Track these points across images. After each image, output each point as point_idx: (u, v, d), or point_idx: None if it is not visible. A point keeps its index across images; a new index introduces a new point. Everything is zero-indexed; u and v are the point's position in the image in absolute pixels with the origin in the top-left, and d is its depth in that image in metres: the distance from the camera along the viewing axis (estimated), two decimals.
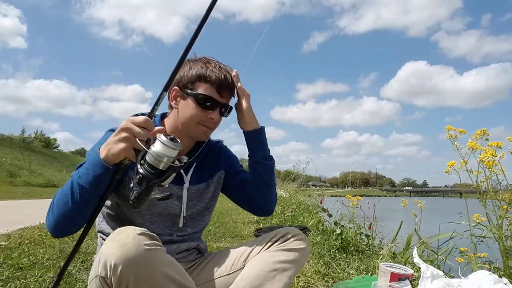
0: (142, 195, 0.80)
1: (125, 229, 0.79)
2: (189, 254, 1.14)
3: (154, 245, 0.77)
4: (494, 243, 1.76)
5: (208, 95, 1.03)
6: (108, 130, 1.05)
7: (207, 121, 1.05)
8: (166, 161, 0.80)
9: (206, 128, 1.07)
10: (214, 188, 1.20)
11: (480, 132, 1.80)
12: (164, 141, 0.79)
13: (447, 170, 1.86)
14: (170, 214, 1.09)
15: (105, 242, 0.78)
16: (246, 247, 1.11)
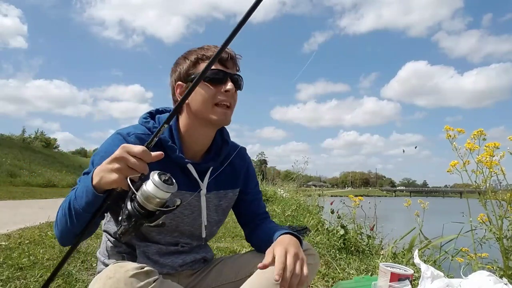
0: (129, 231, 0.75)
1: (116, 270, 0.75)
2: (194, 263, 1.09)
3: (148, 285, 0.74)
4: (494, 243, 1.76)
5: (214, 68, 0.96)
6: (115, 133, 0.98)
7: (224, 96, 0.97)
8: (157, 203, 0.74)
9: (225, 107, 0.98)
10: (226, 204, 1.12)
11: (477, 132, 1.80)
12: (157, 183, 0.73)
13: (449, 170, 1.86)
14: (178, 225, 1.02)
15: (96, 282, 0.75)
16: (254, 255, 1.08)
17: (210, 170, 1.05)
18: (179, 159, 0.97)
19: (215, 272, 1.10)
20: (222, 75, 0.97)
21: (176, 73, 1.02)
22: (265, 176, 12.70)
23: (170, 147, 0.97)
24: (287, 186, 8.65)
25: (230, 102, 0.99)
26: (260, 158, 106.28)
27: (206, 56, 0.98)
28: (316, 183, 61.88)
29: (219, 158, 1.06)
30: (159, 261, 1.00)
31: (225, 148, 1.09)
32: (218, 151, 1.07)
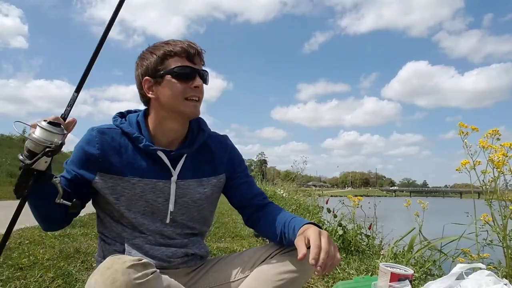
0: (19, 182, 0.79)
1: (113, 262, 0.75)
2: (189, 260, 1.08)
3: (145, 276, 0.74)
4: (497, 244, 1.76)
5: (183, 65, 1.00)
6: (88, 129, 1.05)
7: (192, 92, 1.01)
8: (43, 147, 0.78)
9: (194, 101, 1.02)
10: (211, 191, 1.11)
11: (492, 131, 1.79)
12: (44, 125, 0.77)
13: (458, 168, 1.85)
14: (155, 212, 1.02)
15: (94, 274, 0.75)
16: (252, 254, 1.07)
17: (184, 157, 1.06)
18: (147, 147, 1.00)
19: (214, 272, 1.09)
20: (190, 71, 1.01)
21: (143, 67, 1.03)
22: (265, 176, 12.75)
23: (136, 138, 1.01)
24: (287, 186, 8.66)
25: (199, 96, 1.04)
26: (260, 158, 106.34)
27: (173, 52, 1.00)
28: (316, 183, 61.93)
29: (193, 146, 1.08)
30: (149, 252, 1.01)
31: (201, 136, 1.10)
32: (193, 139, 1.09)
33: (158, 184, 1.01)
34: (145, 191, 1.00)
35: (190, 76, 1.01)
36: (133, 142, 1.02)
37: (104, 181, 0.99)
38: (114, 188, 0.99)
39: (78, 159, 1.01)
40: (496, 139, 1.78)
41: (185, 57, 1.01)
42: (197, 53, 1.03)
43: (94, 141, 1.00)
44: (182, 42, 1.02)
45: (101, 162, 0.99)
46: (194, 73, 1.01)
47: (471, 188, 1.89)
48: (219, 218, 5.00)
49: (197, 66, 1.03)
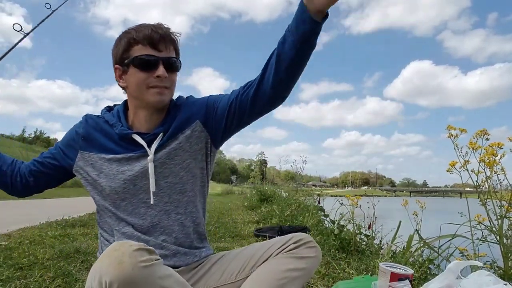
0: None
1: (121, 245, 0.77)
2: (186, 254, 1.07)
3: (150, 261, 0.76)
4: (495, 243, 1.76)
5: (143, 54, 0.98)
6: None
7: (156, 81, 0.99)
8: None
9: (160, 88, 1.00)
10: (188, 143, 1.05)
11: (480, 132, 1.80)
12: None
13: (449, 169, 1.86)
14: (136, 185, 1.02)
15: (101, 257, 0.77)
16: (254, 253, 1.06)
17: (161, 135, 1.04)
18: (122, 131, 1.04)
19: (215, 271, 1.08)
20: (153, 60, 0.99)
21: (114, 55, 1.06)
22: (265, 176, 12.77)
23: (114, 124, 1.06)
24: (287, 186, 8.66)
25: (165, 85, 1.02)
26: (260, 158, 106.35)
27: (136, 39, 0.99)
28: (316, 183, 61.98)
29: (166, 122, 1.06)
30: (141, 238, 1.02)
31: (173, 111, 1.09)
32: (166, 116, 1.09)
33: (133, 155, 1.03)
34: (122, 164, 1.04)
35: (152, 66, 0.99)
36: (113, 129, 1.06)
37: (85, 158, 1.07)
38: (93, 165, 1.06)
39: (66, 138, 1.12)
40: (485, 139, 1.78)
41: (148, 44, 0.99)
42: (162, 39, 0.99)
43: (81, 124, 1.11)
44: (147, 28, 0.99)
45: (83, 140, 1.07)
46: (156, 61, 0.99)
47: (470, 188, 1.89)
48: (219, 218, 5.00)
49: (163, 53, 1.00)
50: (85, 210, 5.42)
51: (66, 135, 1.13)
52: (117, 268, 0.71)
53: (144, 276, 0.74)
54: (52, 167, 1.11)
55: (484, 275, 0.96)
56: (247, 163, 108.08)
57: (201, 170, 1.11)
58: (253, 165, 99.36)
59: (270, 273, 0.97)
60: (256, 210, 6.05)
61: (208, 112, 1.08)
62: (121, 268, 0.71)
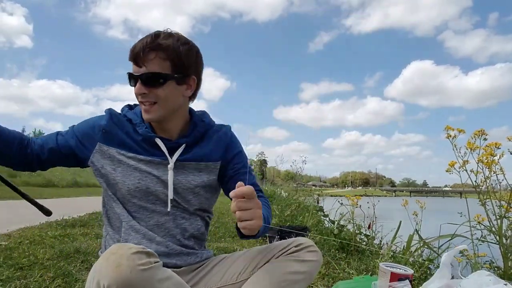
0: None
1: (119, 247, 0.76)
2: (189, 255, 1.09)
3: (149, 264, 0.75)
4: (495, 243, 1.76)
5: (128, 72, 1.00)
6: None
7: (140, 98, 1.01)
8: None
9: (145, 105, 1.00)
10: (207, 176, 1.10)
11: (478, 132, 1.80)
12: None
13: (448, 170, 1.86)
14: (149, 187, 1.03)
15: (100, 259, 0.76)
16: (255, 255, 1.06)
17: (183, 147, 1.07)
18: (146, 133, 1.04)
19: (217, 272, 1.08)
20: (130, 78, 1.00)
21: None
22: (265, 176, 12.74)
23: (138, 124, 1.06)
24: (287, 186, 8.66)
25: (149, 101, 0.99)
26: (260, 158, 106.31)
27: (130, 56, 0.99)
28: (316, 183, 61.93)
29: (192, 135, 1.08)
30: (147, 234, 1.03)
31: (201, 126, 1.10)
32: (192, 130, 1.10)
33: (153, 160, 1.04)
34: (140, 164, 1.03)
35: (132, 83, 1.01)
36: (135, 129, 1.06)
37: (103, 151, 1.05)
38: (112, 159, 1.04)
39: (84, 127, 1.08)
40: (483, 139, 1.78)
41: (132, 60, 0.99)
42: (140, 53, 0.96)
43: (104, 116, 1.08)
44: (135, 44, 0.98)
45: (104, 133, 1.05)
46: (135, 79, 0.99)
47: (469, 188, 1.89)
48: (219, 218, 5.00)
49: (142, 68, 0.97)
50: (85, 210, 5.42)
51: (85, 124, 1.09)
52: (115, 271, 0.71)
53: (143, 279, 0.73)
54: (66, 155, 1.06)
55: (484, 275, 0.96)
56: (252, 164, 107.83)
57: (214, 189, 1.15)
58: (253, 165, 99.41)
59: (271, 275, 0.97)
60: None
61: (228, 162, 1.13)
62: (119, 271, 0.71)
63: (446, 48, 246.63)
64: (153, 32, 0.99)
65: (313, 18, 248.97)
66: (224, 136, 1.15)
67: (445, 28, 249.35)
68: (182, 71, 1.01)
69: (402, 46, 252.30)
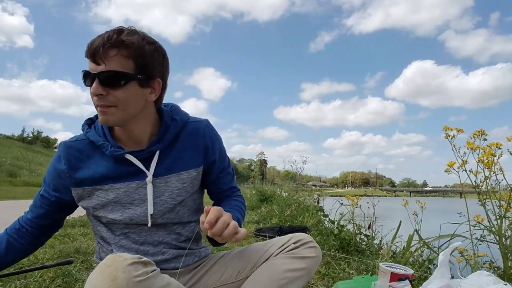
0: None
1: (114, 259, 0.74)
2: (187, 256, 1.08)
3: (145, 274, 0.74)
4: (495, 243, 1.76)
5: (83, 70, 0.89)
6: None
7: (95, 100, 0.89)
8: None
9: (100, 108, 0.89)
10: (191, 186, 1.04)
11: (478, 132, 1.80)
12: None
13: (447, 170, 1.86)
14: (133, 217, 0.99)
15: (95, 272, 0.75)
16: (254, 253, 1.06)
17: (157, 154, 0.99)
18: (113, 153, 0.96)
19: (216, 271, 1.08)
20: (85, 76, 0.89)
21: None
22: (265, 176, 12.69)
23: (102, 145, 0.97)
24: (287, 186, 8.66)
25: (105, 103, 0.89)
26: (260, 158, 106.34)
27: (87, 52, 0.88)
28: (316, 183, 61.94)
29: (165, 139, 0.99)
30: (140, 249, 1.01)
31: (173, 128, 1.00)
32: (164, 133, 1.00)
33: (131, 186, 0.98)
34: (119, 196, 0.98)
35: (87, 82, 0.89)
36: (101, 150, 0.98)
37: (78, 194, 1.00)
38: (91, 198, 1.00)
39: (51, 178, 1.02)
40: (483, 139, 1.78)
41: (89, 57, 0.88)
42: (100, 48, 0.85)
43: (61, 157, 0.99)
44: (94, 39, 0.87)
45: (70, 177, 0.98)
46: (91, 78, 0.88)
47: (469, 188, 1.90)
48: None
49: (100, 66, 0.86)
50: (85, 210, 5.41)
51: (49, 175, 1.02)
52: (111, 285, 0.70)
53: None
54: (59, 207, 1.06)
55: (484, 275, 0.96)
56: (247, 163, 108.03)
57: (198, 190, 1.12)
58: (253, 165, 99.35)
59: (271, 273, 0.97)
60: (256, 210, 6.04)
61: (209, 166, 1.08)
62: (115, 285, 0.70)
63: (447, 48, 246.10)
64: (116, 27, 0.89)
65: (314, 18, 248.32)
66: (202, 136, 1.05)
67: (446, 28, 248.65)
68: (146, 72, 0.91)
69: (403, 46, 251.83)
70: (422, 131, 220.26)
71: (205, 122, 1.08)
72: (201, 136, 1.05)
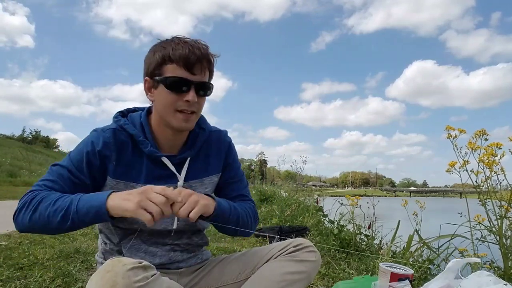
0: None
1: (113, 265, 0.74)
2: (190, 257, 1.10)
3: (145, 279, 0.74)
4: (495, 243, 1.76)
5: (176, 76, 0.93)
6: (93, 130, 1.01)
7: (184, 106, 0.95)
8: None
9: (186, 114, 0.96)
10: (211, 190, 1.11)
11: (479, 132, 1.80)
12: None
13: (448, 170, 1.86)
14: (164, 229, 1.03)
15: (94, 276, 0.75)
16: (254, 255, 1.07)
17: (188, 160, 1.05)
18: (152, 153, 0.99)
19: (217, 272, 1.09)
20: (184, 83, 0.94)
21: (146, 66, 1.00)
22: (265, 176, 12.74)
23: (142, 142, 0.99)
24: (287, 186, 8.65)
25: (193, 109, 0.97)
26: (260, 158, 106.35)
27: (171, 57, 0.93)
28: (316, 183, 61.92)
29: (195, 148, 1.06)
30: (149, 250, 1.02)
31: (201, 136, 1.08)
32: (194, 141, 1.07)
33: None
34: None
35: (183, 89, 0.94)
36: (137, 145, 1.00)
37: (112, 186, 0.99)
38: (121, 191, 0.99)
39: (86, 160, 0.96)
40: (484, 139, 1.78)
41: (183, 65, 0.93)
42: (198, 61, 0.94)
43: (105, 143, 0.97)
44: (184, 47, 0.93)
45: (115, 166, 0.97)
46: (189, 85, 0.94)
47: (470, 188, 1.89)
48: None
49: (196, 76, 0.95)
50: None
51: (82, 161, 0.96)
52: None
53: None
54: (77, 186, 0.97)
55: (484, 275, 0.96)
56: (247, 163, 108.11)
57: None
58: (253, 165, 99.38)
59: (270, 275, 0.98)
60: None
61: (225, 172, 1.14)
62: None
63: (448, 48, 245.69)
64: (195, 40, 0.97)
65: (315, 18, 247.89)
66: (223, 145, 1.14)
67: (447, 27, 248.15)
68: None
69: (404, 46, 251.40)
70: (422, 131, 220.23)
71: (225, 132, 1.17)
72: (223, 145, 1.14)
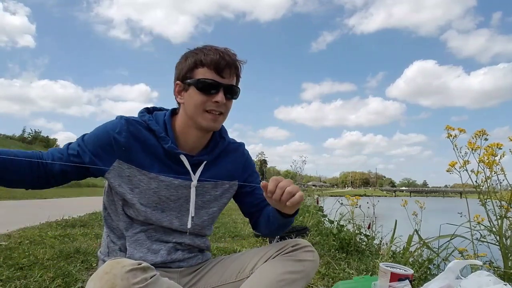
0: None
1: (112, 266, 0.75)
2: (191, 257, 1.12)
3: (144, 281, 0.74)
4: (495, 243, 1.76)
5: (207, 78, 1.00)
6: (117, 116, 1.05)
7: (213, 106, 1.01)
8: None
9: (214, 114, 1.02)
10: (221, 194, 1.14)
11: (479, 132, 1.80)
12: None
13: (449, 169, 1.86)
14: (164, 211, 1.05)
15: (93, 278, 0.75)
16: (253, 255, 1.08)
17: (204, 163, 1.09)
18: (172, 149, 1.02)
19: (216, 272, 1.10)
20: (214, 85, 1.00)
21: (177, 71, 1.06)
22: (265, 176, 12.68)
23: (163, 137, 1.03)
24: None
25: (220, 110, 1.03)
26: (260, 158, 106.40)
27: (203, 62, 1.00)
28: (316, 183, 61.93)
29: (213, 153, 1.10)
30: (151, 247, 1.03)
31: (221, 144, 1.13)
32: (214, 147, 1.11)
33: (173, 182, 1.03)
34: (160, 188, 1.02)
35: (213, 90, 1.00)
36: (157, 140, 1.03)
37: (122, 169, 1.00)
38: (131, 179, 1.01)
39: (101, 142, 0.99)
40: (484, 139, 1.78)
41: (214, 69, 1.00)
42: (227, 66, 1.01)
43: (123, 129, 1.00)
44: (215, 53, 1.00)
45: (124, 150, 1.00)
46: (218, 87, 1.00)
47: (470, 188, 1.89)
48: (219, 218, 5.00)
49: (226, 79, 1.01)
50: (85, 210, 5.42)
51: (100, 137, 1.00)
52: None
53: None
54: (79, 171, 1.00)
55: (484, 275, 0.96)
56: None
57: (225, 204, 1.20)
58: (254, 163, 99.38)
59: (269, 274, 0.98)
60: None
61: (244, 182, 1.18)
62: None
63: (449, 48, 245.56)
64: (225, 48, 1.03)
65: (316, 18, 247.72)
66: (240, 156, 1.19)
67: (448, 27, 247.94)
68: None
69: (405, 46, 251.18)
70: (422, 131, 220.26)
71: (243, 145, 1.23)
72: (240, 156, 1.20)
